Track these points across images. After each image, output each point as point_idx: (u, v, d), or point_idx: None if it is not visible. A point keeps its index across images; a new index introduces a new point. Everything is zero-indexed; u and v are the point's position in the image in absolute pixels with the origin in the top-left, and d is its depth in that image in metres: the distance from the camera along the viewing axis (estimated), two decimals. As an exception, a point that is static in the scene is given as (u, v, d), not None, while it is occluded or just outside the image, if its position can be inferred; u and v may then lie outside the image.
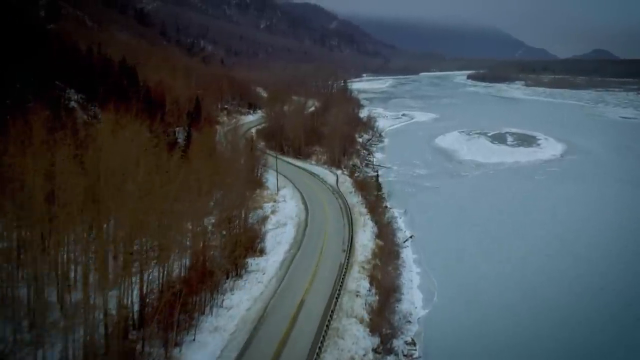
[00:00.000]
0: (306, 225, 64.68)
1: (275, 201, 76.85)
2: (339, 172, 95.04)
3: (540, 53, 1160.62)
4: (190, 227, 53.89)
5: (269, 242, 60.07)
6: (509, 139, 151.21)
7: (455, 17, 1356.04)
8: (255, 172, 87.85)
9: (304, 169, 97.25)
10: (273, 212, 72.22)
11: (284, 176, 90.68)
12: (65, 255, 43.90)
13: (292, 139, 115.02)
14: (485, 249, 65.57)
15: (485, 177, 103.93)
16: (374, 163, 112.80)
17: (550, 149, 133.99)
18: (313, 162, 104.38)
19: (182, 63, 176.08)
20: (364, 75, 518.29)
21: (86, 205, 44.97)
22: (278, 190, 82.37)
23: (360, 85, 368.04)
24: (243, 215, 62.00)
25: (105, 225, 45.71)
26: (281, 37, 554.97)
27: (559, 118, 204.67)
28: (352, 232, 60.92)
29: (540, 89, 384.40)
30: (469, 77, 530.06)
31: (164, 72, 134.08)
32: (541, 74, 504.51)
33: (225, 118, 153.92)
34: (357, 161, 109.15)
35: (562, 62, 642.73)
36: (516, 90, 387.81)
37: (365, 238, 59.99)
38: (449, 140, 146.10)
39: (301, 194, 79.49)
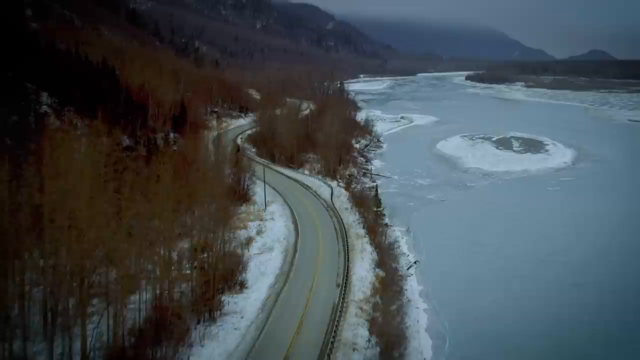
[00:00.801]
0: (295, 250, 56.17)
1: (262, 219, 68.34)
2: (334, 183, 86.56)
3: (537, 54, 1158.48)
4: (161, 252, 46.10)
5: (252, 272, 51.60)
6: (515, 144, 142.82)
7: (452, 18, 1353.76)
8: (241, 185, 79.53)
9: (295, 180, 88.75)
10: (259, 232, 63.77)
11: (274, 189, 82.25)
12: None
13: (284, 146, 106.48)
14: (500, 276, 57.12)
15: (493, 188, 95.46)
16: (372, 172, 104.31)
17: (559, 155, 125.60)
18: (306, 171, 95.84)
19: (173, 64, 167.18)
20: (361, 76, 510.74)
21: (33, 232, 37.47)
22: (266, 206, 73.88)
23: (357, 86, 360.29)
24: (220, 239, 53.63)
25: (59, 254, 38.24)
26: (277, 37, 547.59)
27: (564, 121, 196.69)
28: (348, 260, 52.34)
29: (542, 91, 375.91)
30: (468, 77, 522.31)
31: (150, 73, 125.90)
32: (541, 75, 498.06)
33: (214, 122, 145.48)
34: (354, 170, 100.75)
35: (561, 63, 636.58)
36: (517, 91, 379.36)
37: (364, 268, 51.48)
38: (452, 146, 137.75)
39: (292, 210, 71.03)
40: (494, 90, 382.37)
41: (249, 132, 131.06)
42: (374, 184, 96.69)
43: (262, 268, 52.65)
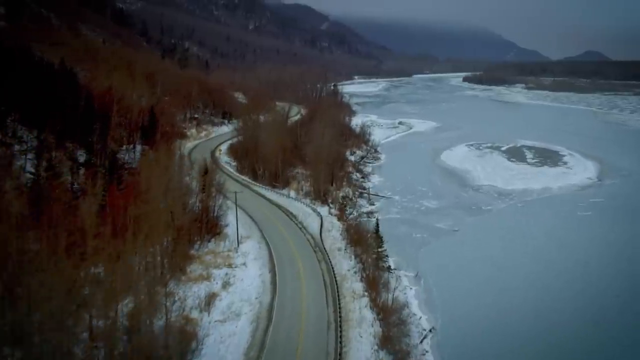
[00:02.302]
0: (270, 319, 41.27)
1: (231, 265, 53.43)
2: (324, 210, 71.81)
3: (532, 55, 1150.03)
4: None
5: (207, 356, 37.01)
6: (528, 155, 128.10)
7: (446, 19, 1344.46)
8: (210, 214, 64.62)
9: (278, 206, 73.68)
10: (225, 285, 48.97)
11: (251, 217, 67.66)
12: None
13: (268, 160, 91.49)
14: (545, 346, 42.61)
15: (514, 213, 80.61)
16: (370, 192, 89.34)
17: (581, 169, 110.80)
18: (292, 193, 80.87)
19: (155, 65, 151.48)
20: (356, 77, 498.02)
21: None
22: (239, 243, 59.06)
23: (352, 88, 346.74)
24: (167, 301, 39.73)
25: None
26: (270, 38, 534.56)
27: (574, 127, 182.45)
28: (341, 339, 37.58)
29: (543, 93, 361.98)
30: (465, 79, 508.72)
31: (123, 76, 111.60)
32: (540, 76, 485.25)
33: (193, 130, 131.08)
34: (348, 191, 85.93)
35: (560, 64, 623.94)
36: (517, 93, 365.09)
37: (363, 354, 36.73)
38: (458, 157, 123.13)
39: (270, 251, 56.21)
40: (494, 93, 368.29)
41: (232, 141, 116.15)
42: (373, 207, 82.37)
43: (222, 349, 38.05)
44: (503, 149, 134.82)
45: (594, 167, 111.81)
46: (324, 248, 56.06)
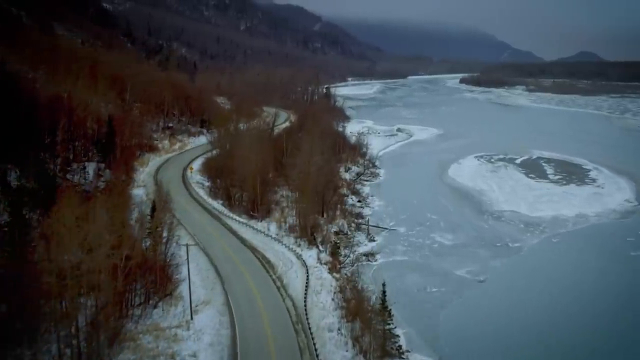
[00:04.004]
0: None
1: (173, 358, 37.13)
2: (312, 255, 55.43)
3: (527, 55, 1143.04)
4: None
5: None
6: (548, 169, 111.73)
7: (439, 20, 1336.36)
8: (162, 265, 48.19)
9: (253, 250, 57.07)
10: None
11: (215, 269, 51.56)
12: None
13: (245, 182, 75.37)
14: None
15: (550, 252, 64.08)
16: (369, 223, 72.74)
17: (613, 188, 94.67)
18: (273, 227, 64.42)
19: (126, 68, 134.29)
20: (349, 79, 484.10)
21: None
22: (192, 315, 42.78)
23: (345, 90, 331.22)
24: None
25: None
26: (262, 39, 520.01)
27: (590, 134, 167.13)
28: None
29: (547, 95, 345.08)
30: (462, 81, 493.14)
31: (83, 80, 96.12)
32: (539, 77, 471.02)
33: (166, 142, 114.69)
34: (342, 223, 69.70)
35: (556, 65, 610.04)
36: (519, 96, 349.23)
37: None
38: (468, 173, 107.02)
39: (234, 330, 39.98)
40: (494, 95, 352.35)
41: (207, 155, 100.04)
42: (373, 244, 66.27)
43: None
44: (518, 161, 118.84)
45: (629, 186, 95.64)
46: (309, 327, 39.82)
